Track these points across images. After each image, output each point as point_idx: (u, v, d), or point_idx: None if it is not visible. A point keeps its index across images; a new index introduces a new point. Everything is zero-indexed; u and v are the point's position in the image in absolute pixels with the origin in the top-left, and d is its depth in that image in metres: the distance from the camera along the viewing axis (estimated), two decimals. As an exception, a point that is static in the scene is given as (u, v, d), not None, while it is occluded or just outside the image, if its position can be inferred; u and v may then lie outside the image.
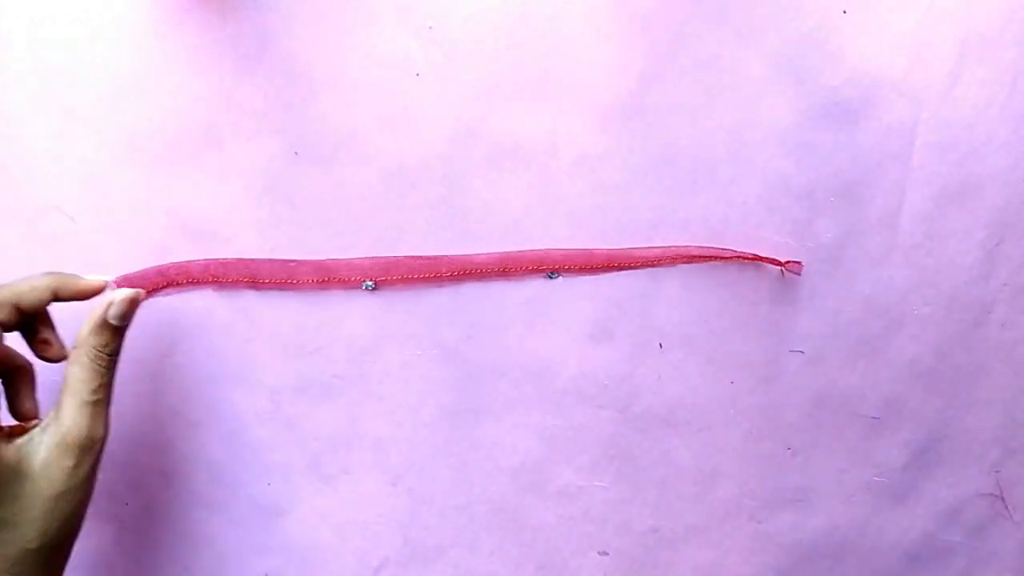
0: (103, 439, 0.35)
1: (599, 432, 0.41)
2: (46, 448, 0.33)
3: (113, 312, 0.35)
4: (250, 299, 0.41)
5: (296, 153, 0.39)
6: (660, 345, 0.41)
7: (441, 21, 0.37)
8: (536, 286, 0.40)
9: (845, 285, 0.40)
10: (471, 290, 0.41)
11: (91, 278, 0.37)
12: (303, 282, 0.39)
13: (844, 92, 0.38)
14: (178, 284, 0.40)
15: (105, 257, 0.41)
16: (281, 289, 0.40)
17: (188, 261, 0.40)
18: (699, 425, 0.42)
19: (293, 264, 0.40)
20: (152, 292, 0.40)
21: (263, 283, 0.40)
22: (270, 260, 0.40)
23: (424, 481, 0.43)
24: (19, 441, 0.34)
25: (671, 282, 0.40)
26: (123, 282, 0.39)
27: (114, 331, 0.36)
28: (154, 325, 0.41)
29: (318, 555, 0.44)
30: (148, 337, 0.42)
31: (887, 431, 0.41)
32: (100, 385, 0.35)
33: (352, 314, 0.41)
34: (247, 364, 0.41)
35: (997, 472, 0.42)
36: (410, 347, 0.40)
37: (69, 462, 0.33)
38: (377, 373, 0.41)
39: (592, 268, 0.39)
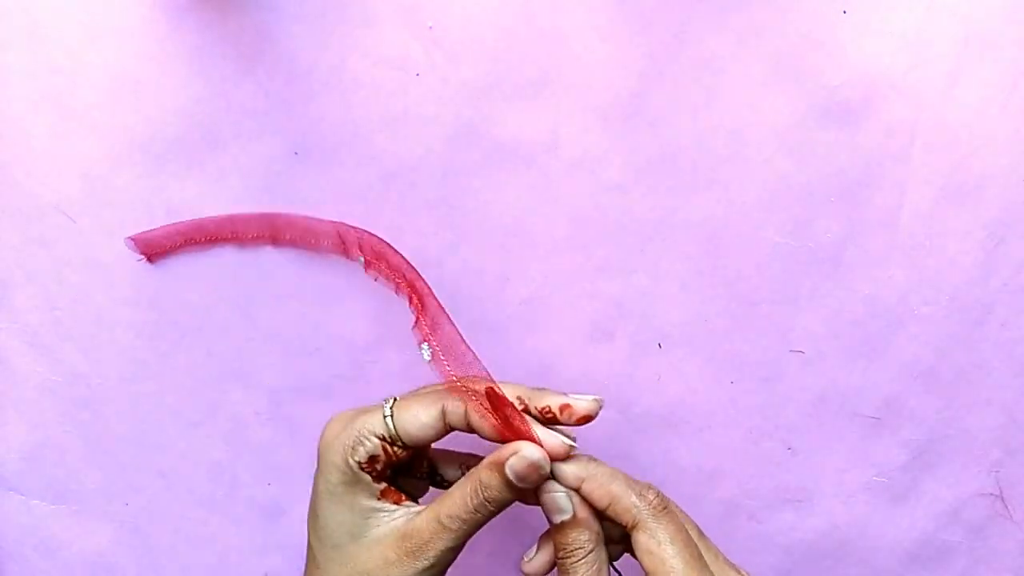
0: (444, 566, 0.32)
1: (599, 432, 0.41)
2: (389, 532, 0.31)
3: (514, 472, 0.30)
4: (250, 299, 0.41)
5: (296, 153, 0.39)
6: (660, 345, 0.41)
7: (441, 21, 0.37)
8: (537, 286, 0.40)
9: (845, 285, 0.40)
10: (471, 290, 0.41)
11: (582, 398, 0.32)
12: (322, 244, 0.39)
13: (844, 92, 0.38)
14: (196, 242, 0.39)
15: (105, 257, 0.41)
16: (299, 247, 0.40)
17: (205, 218, 0.39)
18: (699, 425, 0.42)
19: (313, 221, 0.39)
20: (170, 252, 0.40)
21: (284, 240, 0.39)
22: (289, 215, 0.39)
23: (424, 481, 0.43)
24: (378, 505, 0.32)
25: (671, 282, 0.40)
26: (141, 243, 0.39)
27: (512, 488, 0.31)
28: (154, 325, 0.42)
29: (318, 555, 0.44)
30: (148, 337, 0.42)
31: (887, 431, 0.41)
32: (467, 516, 0.31)
33: (352, 314, 0.41)
34: (247, 364, 0.41)
35: (997, 472, 0.42)
36: (410, 347, 0.40)
37: (391, 554, 0.31)
38: (377, 373, 0.41)
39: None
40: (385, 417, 0.32)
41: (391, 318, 0.41)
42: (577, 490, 0.31)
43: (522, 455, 0.30)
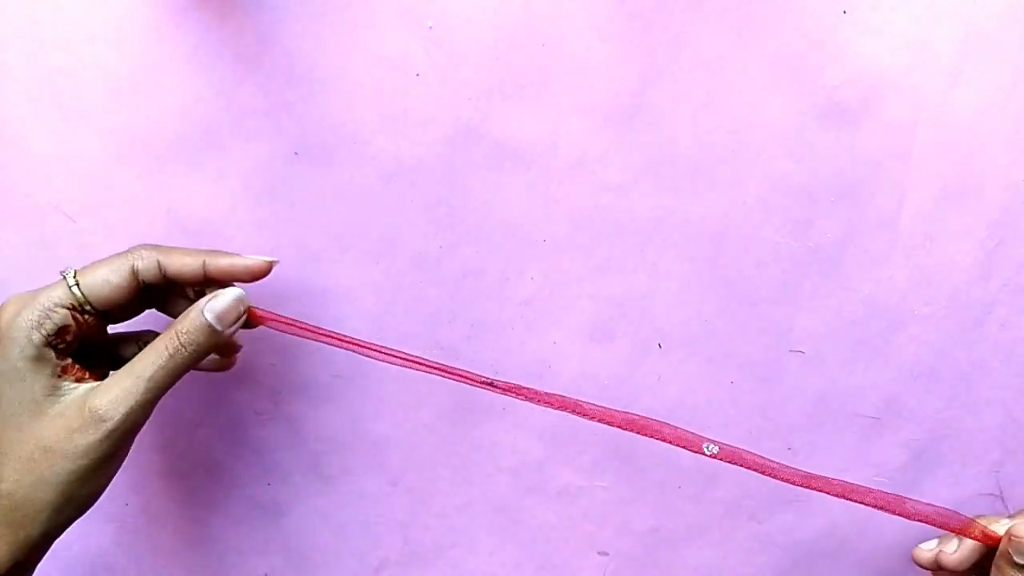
0: (130, 426, 0.32)
1: (599, 432, 0.41)
2: (72, 402, 0.32)
3: (215, 315, 0.33)
4: (249, 299, 0.41)
5: (296, 153, 0.39)
6: (660, 345, 0.41)
7: (441, 21, 0.37)
8: (537, 286, 0.40)
9: (845, 285, 0.40)
10: (471, 290, 0.41)
11: (253, 258, 0.35)
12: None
13: (844, 92, 0.38)
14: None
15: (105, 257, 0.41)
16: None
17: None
18: (699, 425, 0.42)
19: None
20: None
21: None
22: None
23: (424, 481, 0.43)
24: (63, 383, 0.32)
25: (671, 282, 0.40)
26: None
27: (214, 337, 0.33)
28: (154, 325, 0.41)
29: (318, 555, 0.44)
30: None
31: (887, 431, 0.41)
32: (164, 376, 0.32)
33: (352, 314, 0.41)
34: (247, 364, 0.41)
35: (997, 472, 0.42)
36: (410, 347, 0.40)
37: (75, 422, 0.31)
38: (377, 373, 0.41)
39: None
40: (71, 287, 0.32)
41: (391, 318, 0.41)
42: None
43: (227, 297, 0.33)
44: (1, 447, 0.31)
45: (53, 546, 0.33)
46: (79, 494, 0.32)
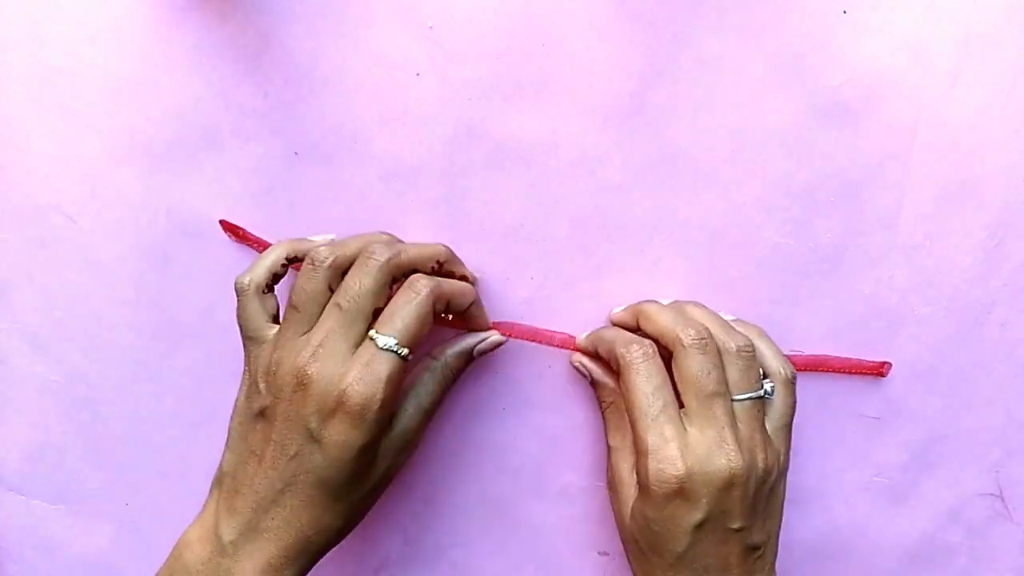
0: (411, 446, 0.36)
1: (599, 432, 0.41)
2: (387, 445, 0.35)
3: (481, 349, 0.38)
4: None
5: (296, 153, 0.39)
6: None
7: (441, 21, 0.37)
8: (537, 286, 0.40)
9: (845, 285, 0.40)
10: (471, 290, 0.41)
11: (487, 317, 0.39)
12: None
13: (844, 92, 0.38)
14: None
15: (105, 257, 0.41)
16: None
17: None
18: (699, 425, 0.42)
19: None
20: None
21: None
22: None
23: (424, 481, 0.43)
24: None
25: (671, 282, 0.40)
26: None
27: (471, 360, 0.39)
28: (154, 325, 0.42)
29: (318, 555, 0.44)
30: (149, 337, 0.42)
31: (887, 431, 0.41)
32: (441, 398, 0.37)
33: (352, 314, 0.41)
34: (247, 364, 0.41)
35: (997, 472, 0.42)
36: (410, 347, 0.40)
37: (390, 461, 0.35)
38: (377, 373, 0.41)
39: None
40: (403, 356, 0.33)
41: (391, 318, 0.41)
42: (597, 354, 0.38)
43: (491, 341, 0.39)
44: (343, 496, 0.34)
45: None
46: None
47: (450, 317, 0.38)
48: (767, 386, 0.36)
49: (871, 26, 0.37)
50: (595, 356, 0.39)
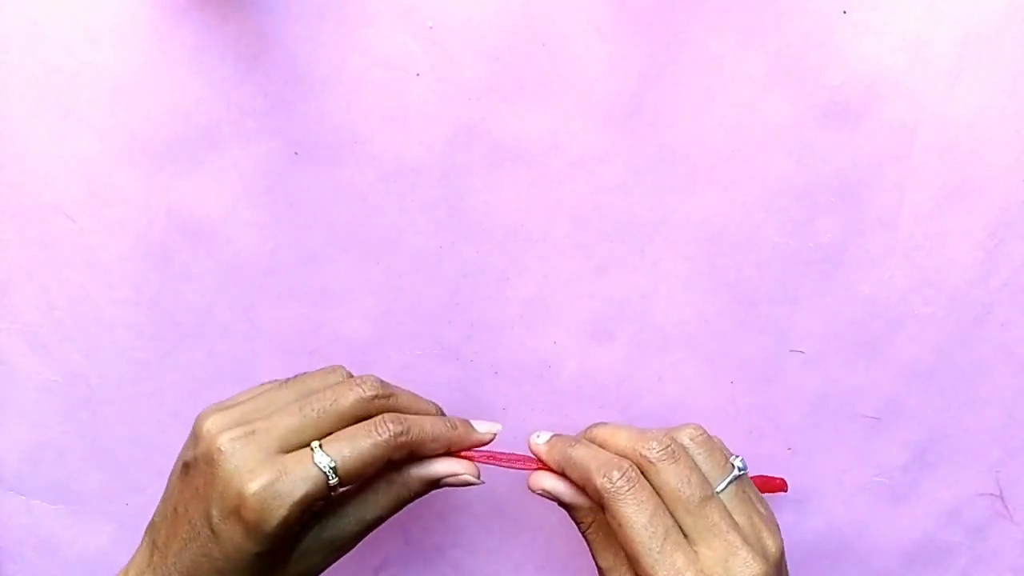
0: (342, 552, 0.34)
1: (599, 432, 0.41)
2: (313, 543, 0.32)
3: (449, 484, 0.34)
4: (250, 299, 0.41)
5: (296, 153, 0.39)
6: (660, 345, 0.41)
7: (441, 21, 0.37)
8: (537, 286, 0.40)
9: (845, 285, 0.40)
10: (471, 290, 0.41)
11: (482, 430, 0.35)
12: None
13: (844, 92, 0.38)
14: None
15: (105, 257, 0.41)
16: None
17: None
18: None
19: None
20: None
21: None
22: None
23: (424, 481, 0.43)
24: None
25: (671, 282, 0.40)
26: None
27: (436, 487, 0.35)
28: (154, 325, 0.42)
29: (318, 555, 0.44)
30: (148, 337, 0.42)
31: (887, 431, 0.41)
32: (389, 515, 0.34)
33: (352, 314, 0.41)
34: (247, 364, 0.41)
35: (997, 472, 0.42)
36: (410, 347, 0.40)
37: (318, 559, 0.33)
38: (377, 373, 0.41)
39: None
40: (332, 486, 0.30)
41: (391, 318, 0.41)
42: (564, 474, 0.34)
43: (462, 479, 0.34)
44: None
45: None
46: None
47: None
48: (736, 462, 0.33)
49: (871, 26, 0.37)
50: (559, 473, 0.35)
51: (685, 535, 0.31)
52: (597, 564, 0.34)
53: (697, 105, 0.38)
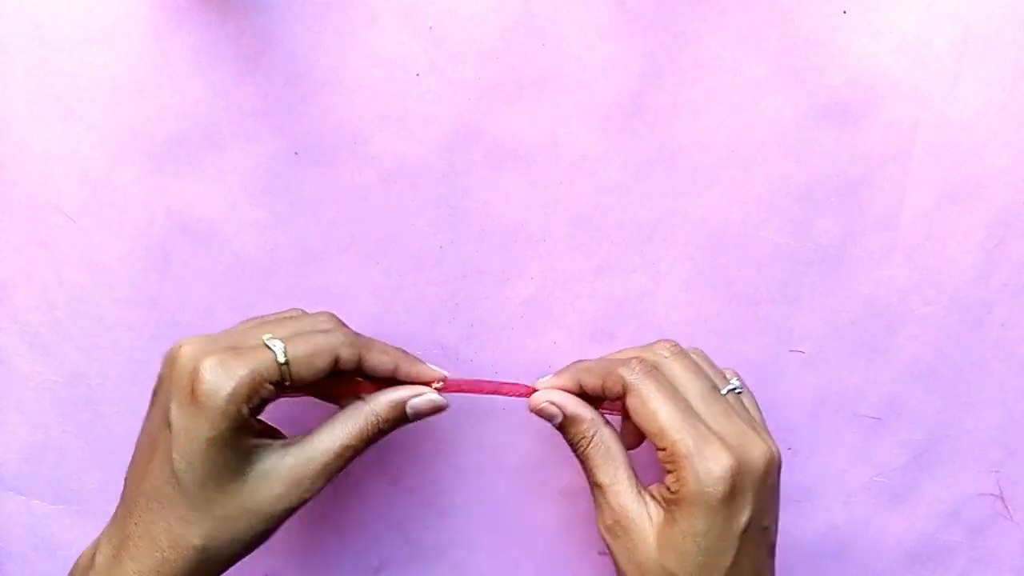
0: (314, 482, 0.33)
1: (599, 432, 0.41)
2: (273, 466, 0.32)
3: (415, 406, 0.35)
4: (250, 299, 0.41)
5: (296, 153, 0.39)
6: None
7: (441, 21, 0.37)
8: (537, 286, 0.40)
9: (845, 285, 0.40)
10: (471, 290, 0.41)
11: (431, 368, 0.36)
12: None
13: (844, 92, 0.38)
14: None
15: (105, 257, 0.41)
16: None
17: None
18: (699, 425, 0.42)
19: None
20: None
21: None
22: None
23: (424, 481, 0.43)
24: (267, 442, 0.33)
25: (671, 282, 0.40)
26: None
27: (403, 420, 0.35)
28: (154, 325, 0.42)
29: (318, 555, 0.44)
30: (148, 337, 0.42)
31: (887, 431, 0.41)
32: (359, 445, 0.34)
33: (352, 314, 0.41)
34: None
35: (997, 472, 0.42)
36: (410, 347, 0.40)
37: (278, 487, 0.32)
38: (377, 373, 0.41)
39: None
40: (281, 365, 0.31)
41: (391, 318, 0.41)
42: (577, 392, 0.35)
43: (427, 398, 0.35)
44: (199, 504, 0.31)
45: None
46: (257, 549, 0.33)
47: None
48: (733, 380, 0.35)
49: (871, 26, 0.37)
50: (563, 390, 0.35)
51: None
52: (596, 482, 0.34)
53: (697, 105, 0.38)
